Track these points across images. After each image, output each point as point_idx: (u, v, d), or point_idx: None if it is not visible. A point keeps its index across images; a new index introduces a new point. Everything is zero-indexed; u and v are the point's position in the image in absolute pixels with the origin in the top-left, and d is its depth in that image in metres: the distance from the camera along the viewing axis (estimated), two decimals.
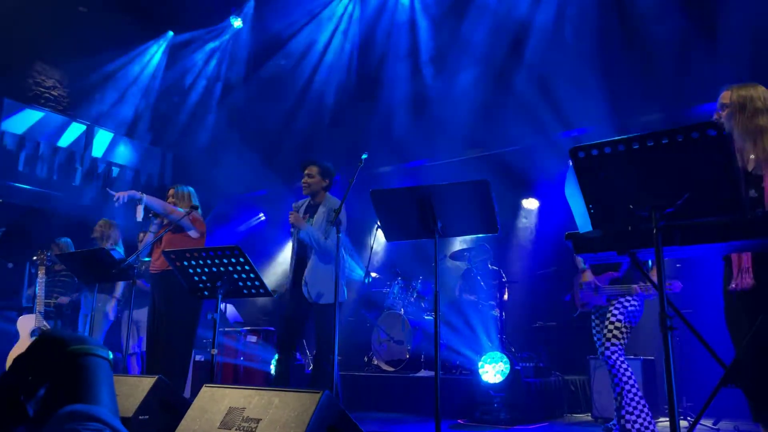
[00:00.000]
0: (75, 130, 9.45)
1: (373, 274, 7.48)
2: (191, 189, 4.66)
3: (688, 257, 4.69)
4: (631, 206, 2.21)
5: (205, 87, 9.97)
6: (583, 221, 2.42)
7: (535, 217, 7.80)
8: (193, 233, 4.41)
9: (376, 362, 6.27)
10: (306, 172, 4.14)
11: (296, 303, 3.95)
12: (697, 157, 2.05)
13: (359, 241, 8.38)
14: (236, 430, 2.18)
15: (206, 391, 2.50)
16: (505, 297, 6.46)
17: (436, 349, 2.76)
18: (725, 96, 2.67)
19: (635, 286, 3.79)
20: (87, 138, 9.55)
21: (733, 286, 2.51)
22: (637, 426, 3.62)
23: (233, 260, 3.10)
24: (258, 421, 2.16)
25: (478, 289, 6.29)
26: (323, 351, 3.83)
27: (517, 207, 7.84)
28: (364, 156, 3.49)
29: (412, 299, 6.43)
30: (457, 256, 6.70)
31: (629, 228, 2.29)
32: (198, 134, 10.05)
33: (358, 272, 7.87)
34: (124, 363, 6.49)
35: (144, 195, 4.19)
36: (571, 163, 2.31)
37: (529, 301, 7.10)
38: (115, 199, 4.11)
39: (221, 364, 6.36)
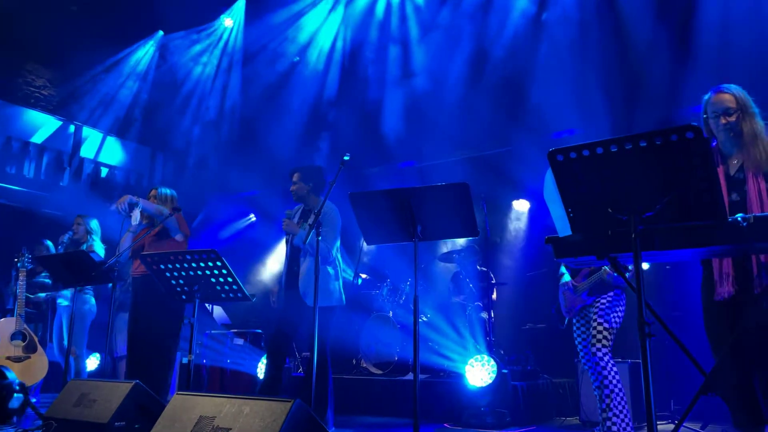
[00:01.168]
0: (64, 130, 9.38)
1: (363, 275, 7.43)
2: (174, 192, 4.59)
3: (669, 261, 4.66)
4: (610, 210, 2.16)
5: (195, 87, 9.91)
6: (562, 225, 2.38)
7: (525, 218, 7.77)
8: (179, 237, 4.35)
9: (364, 365, 6.22)
10: (293, 179, 4.13)
11: (290, 307, 3.90)
12: (676, 161, 2.00)
13: (349, 243, 8.33)
14: None
15: (177, 399, 2.45)
16: (494, 297, 6.42)
17: (416, 353, 2.71)
18: (728, 99, 2.57)
19: (604, 268, 3.76)
20: (76, 138, 9.48)
21: (717, 295, 2.47)
22: (623, 427, 3.61)
23: (210, 264, 3.04)
24: (228, 430, 2.11)
25: (467, 291, 6.25)
26: (323, 355, 3.79)
27: (508, 208, 7.81)
28: (346, 157, 3.44)
29: (401, 301, 6.38)
30: (446, 257, 6.66)
31: (609, 232, 2.25)
32: (188, 134, 9.99)
33: (348, 273, 7.81)
34: (112, 366, 6.42)
35: (140, 199, 4.13)
36: (549, 166, 2.27)
37: (519, 302, 7.07)
38: (119, 210, 4.05)
39: (208, 367, 6.30)
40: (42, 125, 9.15)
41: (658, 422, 4.89)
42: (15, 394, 3.04)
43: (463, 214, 2.69)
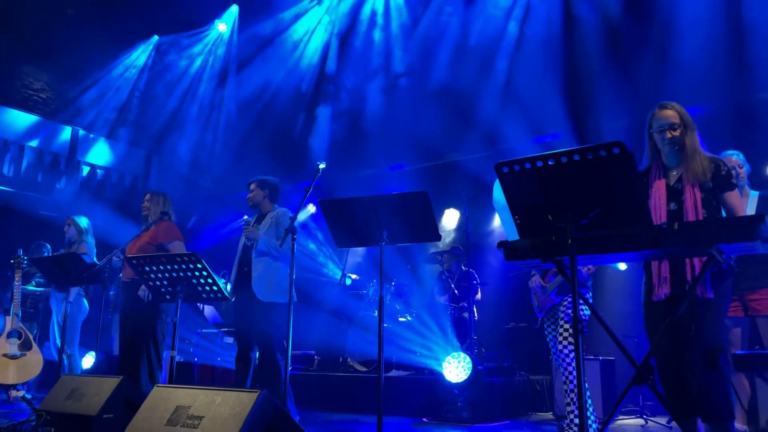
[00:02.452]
0: (61, 133, 9.58)
1: (353, 276, 7.64)
2: (165, 193, 4.78)
3: (607, 263, 4.87)
4: (550, 217, 2.36)
5: (189, 90, 10.11)
6: (510, 230, 2.59)
7: None
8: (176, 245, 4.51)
9: (350, 363, 6.42)
10: (249, 188, 4.44)
11: (242, 304, 4.13)
12: (605, 173, 2.21)
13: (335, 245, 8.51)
14: (181, 426, 2.34)
15: (157, 391, 2.66)
16: (478, 297, 6.62)
17: (380, 352, 2.91)
18: (672, 115, 2.76)
19: None
20: (72, 140, 9.68)
21: (655, 296, 2.67)
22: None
23: (191, 266, 3.24)
24: (201, 418, 2.31)
25: (450, 291, 6.45)
26: (271, 350, 3.99)
27: (493, 210, 8.00)
28: (321, 165, 3.63)
29: (386, 301, 6.58)
30: (432, 258, 6.86)
31: (552, 238, 2.45)
32: (182, 137, 10.18)
33: (336, 273, 8.01)
34: (108, 364, 6.60)
35: None
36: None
37: (503, 302, 7.27)
38: None
39: (199, 365, 6.50)
40: (39, 128, 9.34)
41: (627, 417, 5.10)
42: None
43: (425, 220, 2.90)
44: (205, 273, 3.25)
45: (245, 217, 4.33)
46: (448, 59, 7.61)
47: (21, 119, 9.12)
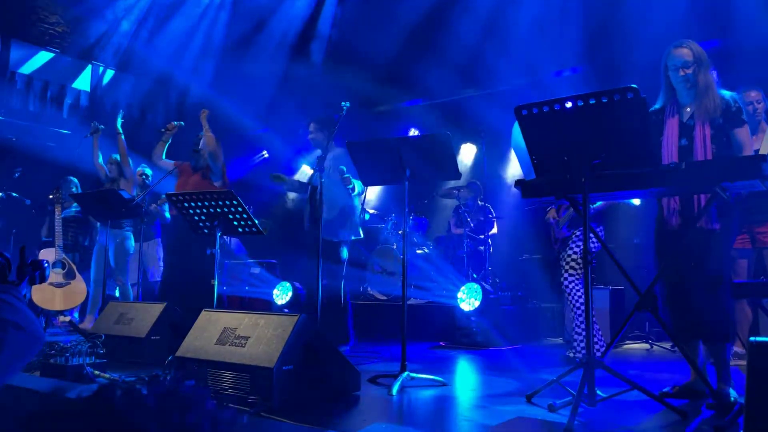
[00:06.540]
0: (81, 70, 9.68)
1: (372, 211, 7.88)
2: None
3: (619, 200, 5.02)
4: (565, 158, 2.53)
5: (208, 23, 10.01)
6: (527, 170, 2.76)
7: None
8: (218, 183, 4.78)
9: (371, 292, 6.77)
10: (309, 129, 4.58)
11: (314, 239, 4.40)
12: (618, 116, 2.36)
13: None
14: (230, 345, 2.63)
15: (205, 315, 2.94)
16: (494, 230, 6.85)
17: (404, 283, 3.14)
18: (686, 53, 2.85)
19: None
20: (93, 77, 9.78)
21: (666, 226, 2.86)
22: (583, 344, 4.09)
23: (227, 203, 3.47)
24: (247, 338, 2.60)
25: (467, 224, 6.67)
26: (338, 285, 4.30)
27: (510, 145, 8.09)
28: (345, 105, 3.75)
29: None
30: (448, 193, 7.04)
31: (567, 176, 2.63)
32: (201, 72, 10.19)
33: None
34: (135, 292, 7.03)
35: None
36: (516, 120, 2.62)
37: (519, 235, 7.49)
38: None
39: (228, 295, 6.87)
40: (60, 65, 9.44)
41: (633, 342, 5.39)
42: None
43: (446, 159, 3.06)
44: (240, 209, 3.48)
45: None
46: None
47: (42, 57, 9.21)
